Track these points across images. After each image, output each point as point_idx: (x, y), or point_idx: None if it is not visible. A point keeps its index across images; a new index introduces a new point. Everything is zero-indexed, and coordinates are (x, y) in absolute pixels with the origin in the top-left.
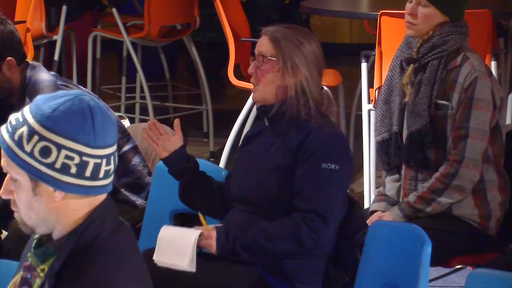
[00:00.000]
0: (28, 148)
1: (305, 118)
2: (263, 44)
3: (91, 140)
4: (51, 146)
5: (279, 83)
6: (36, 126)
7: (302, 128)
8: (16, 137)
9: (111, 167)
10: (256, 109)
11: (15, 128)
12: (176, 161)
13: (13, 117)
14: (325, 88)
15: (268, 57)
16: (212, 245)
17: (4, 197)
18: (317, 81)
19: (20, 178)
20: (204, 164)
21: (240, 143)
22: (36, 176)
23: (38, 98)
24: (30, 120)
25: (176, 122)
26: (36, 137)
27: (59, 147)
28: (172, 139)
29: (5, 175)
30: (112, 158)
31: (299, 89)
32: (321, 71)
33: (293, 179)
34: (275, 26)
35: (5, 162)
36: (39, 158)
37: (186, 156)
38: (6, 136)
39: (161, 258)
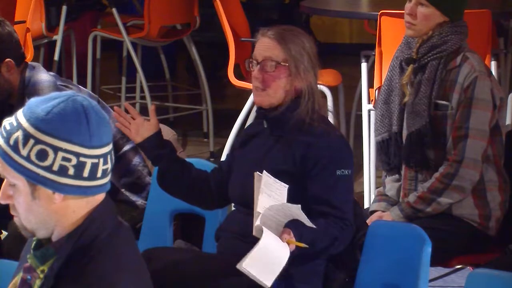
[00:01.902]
0: (24, 152)
1: (308, 122)
2: (271, 48)
3: (87, 140)
4: (48, 149)
5: (289, 87)
6: (31, 130)
7: (305, 133)
8: (11, 141)
9: (108, 166)
10: (256, 110)
11: (9, 133)
12: (151, 147)
13: (6, 122)
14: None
15: (281, 63)
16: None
17: (3, 202)
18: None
19: (18, 183)
20: (204, 164)
21: (238, 142)
22: (34, 179)
23: (31, 101)
24: (25, 124)
25: (152, 107)
26: (32, 141)
27: (56, 149)
28: (146, 124)
29: (2, 180)
30: (108, 157)
31: (310, 92)
32: (319, 70)
33: (295, 184)
34: (275, 29)
35: (2, 168)
36: (36, 161)
37: (162, 142)
38: (1, 141)
39: (250, 267)
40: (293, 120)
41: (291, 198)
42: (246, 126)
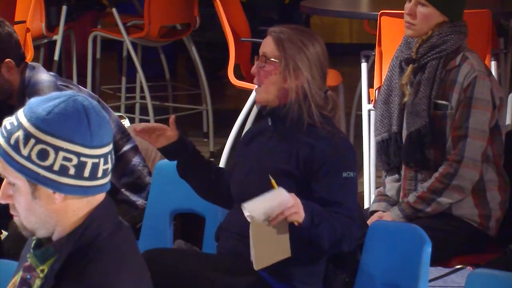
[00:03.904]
0: (25, 152)
1: (309, 122)
2: (267, 45)
3: (88, 140)
4: (49, 148)
5: (282, 85)
6: (32, 129)
7: (310, 135)
8: (12, 141)
9: (109, 165)
10: (260, 108)
11: (10, 133)
12: (171, 153)
13: (7, 122)
14: (330, 91)
15: (271, 59)
16: (300, 214)
17: (3, 202)
18: (319, 85)
19: (19, 182)
20: None
21: (240, 140)
22: (35, 179)
23: (31, 101)
24: (25, 123)
25: (172, 120)
26: (32, 141)
27: (57, 149)
28: (166, 135)
29: (2, 179)
30: (109, 156)
31: (300, 92)
32: (324, 74)
33: (297, 185)
34: (280, 27)
35: (2, 167)
36: (37, 161)
37: (181, 148)
38: (1, 141)
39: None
40: (289, 119)
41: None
42: (247, 128)
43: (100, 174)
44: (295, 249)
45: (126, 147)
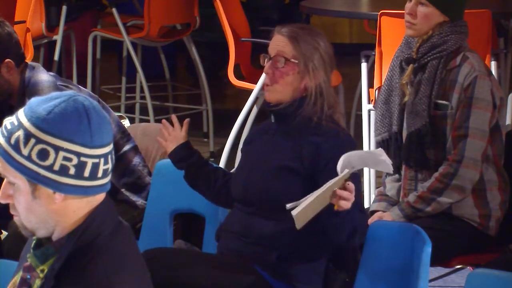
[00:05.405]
0: (25, 151)
1: (316, 121)
2: (283, 45)
3: (88, 140)
4: (49, 148)
5: (297, 85)
6: (32, 129)
7: (313, 133)
8: (12, 141)
9: (109, 165)
10: (264, 105)
11: (10, 132)
12: (180, 157)
13: (7, 121)
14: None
15: (290, 59)
16: (349, 205)
17: (3, 201)
18: (330, 82)
19: (19, 182)
20: None
21: (244, 141)
22: (35, 179)
23: (32, 101)
24: (26, 123)
25: (185, 121)
26: (33, 140)
27: (57, 149)
28: (175, 135)
29: (2, 179)
30: (109, 156)
31: (318, 91)
32: (333, 71)
33: (301, 183)
34: (289, 26)
35: (2, 167)
36: (37, 161)
37: (186, 153)
38: (2, 141)
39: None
40: (299, 117)
41: (301, 195)
42: (250, 129)
43: (100, 174)
44: (296, 248)
45: (126, 147)
